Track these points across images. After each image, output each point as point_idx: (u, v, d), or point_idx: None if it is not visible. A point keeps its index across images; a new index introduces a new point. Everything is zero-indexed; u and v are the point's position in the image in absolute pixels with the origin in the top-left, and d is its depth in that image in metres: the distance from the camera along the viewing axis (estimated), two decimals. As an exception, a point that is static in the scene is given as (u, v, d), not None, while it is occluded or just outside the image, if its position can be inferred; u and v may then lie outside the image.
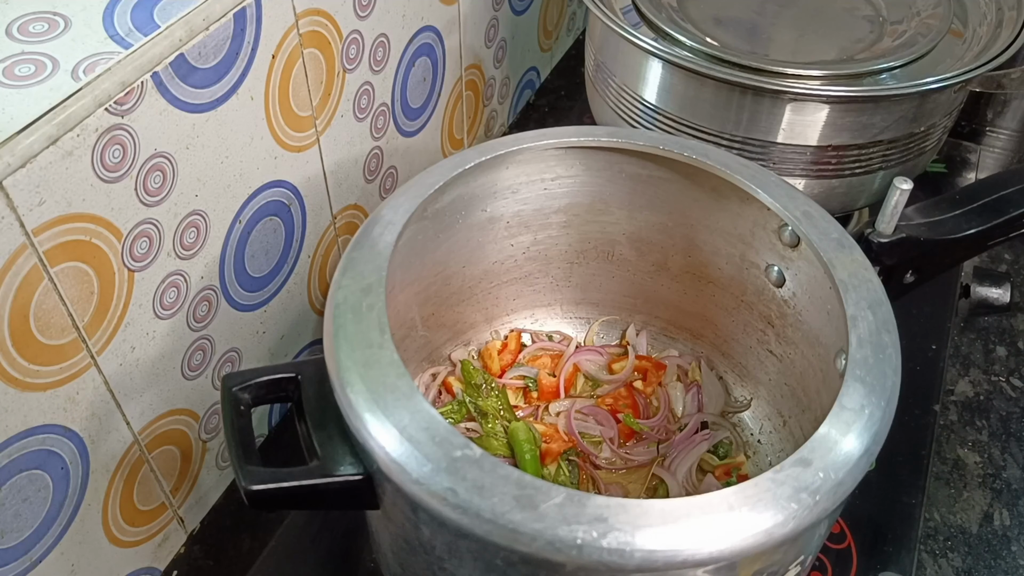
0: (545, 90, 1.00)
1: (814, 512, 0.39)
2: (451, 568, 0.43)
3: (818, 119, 0.63)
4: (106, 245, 0.46)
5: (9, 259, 0.41)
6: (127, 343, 0.50)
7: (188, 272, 0.53)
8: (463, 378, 0.65)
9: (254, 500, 0.42)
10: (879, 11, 0.72)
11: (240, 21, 0.50)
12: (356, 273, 0.47)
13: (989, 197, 0.61)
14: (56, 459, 0.48)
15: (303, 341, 0.69)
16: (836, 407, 0.42)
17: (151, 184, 0.48)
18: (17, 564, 0.48)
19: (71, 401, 0.48)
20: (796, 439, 0.59)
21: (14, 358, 0.43)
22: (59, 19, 0.46)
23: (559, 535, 0.37)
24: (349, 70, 0.63)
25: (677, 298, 0.66)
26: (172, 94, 0.47)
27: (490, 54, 0.84)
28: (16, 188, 0.40)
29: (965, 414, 0.70)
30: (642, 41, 0.64)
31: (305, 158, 0.61)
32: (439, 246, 0.58)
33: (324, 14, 0.58)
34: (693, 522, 0.37)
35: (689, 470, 0.61)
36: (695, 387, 0.66)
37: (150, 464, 0.56)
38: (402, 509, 0.42)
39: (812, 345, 0.55)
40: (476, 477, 0.38)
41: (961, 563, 0.61)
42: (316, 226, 0.65)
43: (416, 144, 0.76)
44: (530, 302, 0.69)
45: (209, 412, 0.60)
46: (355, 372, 0.42)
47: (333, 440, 0.44)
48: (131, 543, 0.57)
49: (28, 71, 0.42)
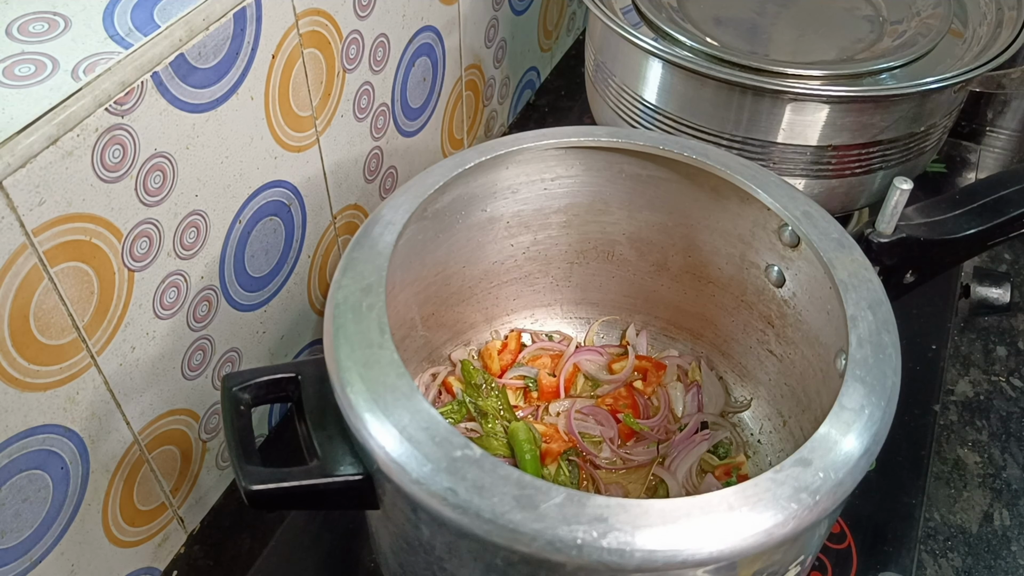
0: (545, 90, 1.00)
1: (814, 512, 0.39)
2: (451, 568, 0.43)
3: (818, 119, 0.63)
4: (106, 245, 0.46)
5: (9, 259, 0.41)
6: (127, 343, 0.50)
7: (188, 272, 0.53)
8: (463, 378, 0.65)
9: (254, 500, 0.42)
10: (879, 11, 0.72)
11: (240, 21, 0.50)
12: (356, 273, 0.47)
13: (989, 197, 0.61)
14: (56, 459, 0.48)
15: (303, 341, 0.69)
16: (836, 407, 0.42)
17: (151, 184, 0.48)
18: (17, 564, 0.48)
19: (71, 401, 0.48)
20: (796, 439, 0.59)
21: (14, 358, 0.43)
22: (59, 19, 0.46)
23: (559, 535, 0.37)
24: (349, 70, 0.63)
25: (677, 298, 0.66)
26: (172, 94, 0.47)
27: (490, 54, 0.84)
28: (16, 188, 0.40)
29: (965, 414, 0.70)
30: (642, 41, 0.65)
31: (305, 158, 0.61)
32: (439, 246, 0.58)
33: (324, 14, 0.58)
34: (693, 522, 0.37)
35: (689, 470, 0.61)
36: (695, 387, 0.66)
37: (150, 464, 0.56)
38: (402, 509, 0.42)
39: (812, 345, 0.55)
40: (476, 477, 0.38)
41: (961, 563, 0.61)
42: (316, 226, 0.65)
43: (416, 144, 0.76)
44: (530, 302, 0.69)
45: (209, 412, 0.60)
46: (355, 372, 0.42)
47: (333, 440, 0.44)
48: (131, 543, 0.57)
49: (28, 71, 0.42)
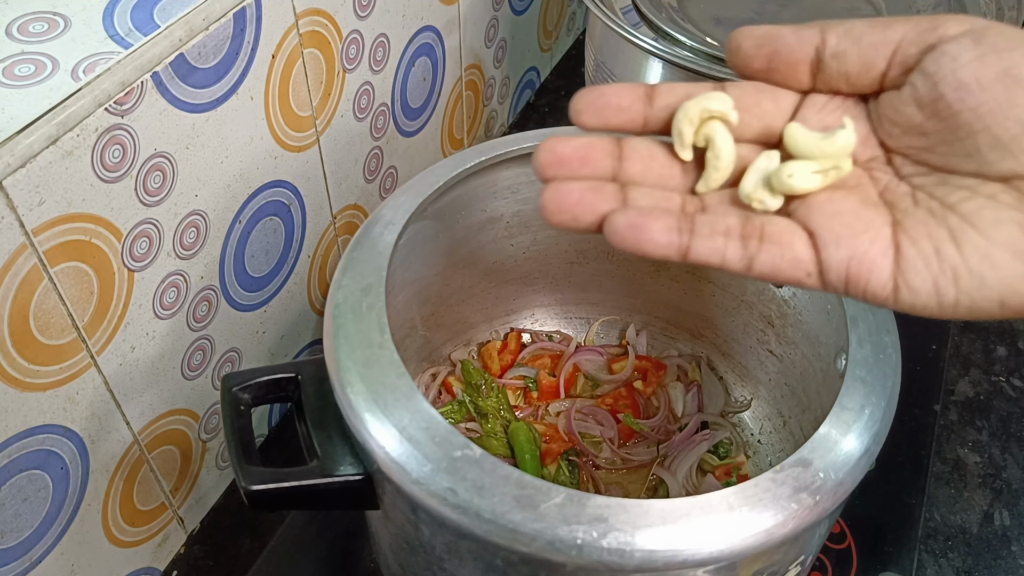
0: (545, 90, 1.00)
1: (814, 512, 0.39)
2: (451, 568, 0.43)
3: (818, 119, 0.63)
4: (106, 245, 0.46)
5: (9, 259, 0.41)
6: (127, 343, 0.50)
7: (188, 272, 0.53)
8: (463, 378, 0.65)
9: (254, 500, 0.42)
10: (879, 11, 0.72)
11: (240, 21, 0.50)
12: (356, 273, 0.47)
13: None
14: (56, 459, 0.48)
15: (303, 341, 0.69)
16: (836, 407, 0.42)
17: (151, 184, 0.48)
18: (17, 564, 0.48)
19: (71, 401, 0.48)
20: (796, 439, 0.59)
21: (14, 358, 0.43)
22: (59, 19, 0.46)
23: (559, 535, 0.37)
24: (349, 70, 0.63)
25: (677, 298, 0.66)
26: (172, 94, 0.47)
27: (490, 54, 0.84)
28: (16, 188, 0.40)
29: (965, 414, 0.70)
30: (642, 41, 0.64)
31: (305, 158, 0.61)
32: (439, 246, 0.58)
33: (324, 14, 0.58)
34: (693, 522, 0.37)
35: (689, 470, 0.61)
36: (695, 387, 0.66)
37: (150, 464, 0.56)
38: (402, 509, 0.42)
39: (812, 345, 0.55)
40: (476, 477, 0.38)
41: (961, 563, 0.61)
42: (316, 226, 0.65)
43: (416, 144, 0.76)
44: (530, 302, 0.69)
45: (209, 412, 0.60)
46: (355, 372, 0.42)
47: (333, 440, 0.44)
48: (131, 543, 0.57)
49: (28, 71, 0.42)
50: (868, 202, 0.31)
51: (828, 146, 0.31)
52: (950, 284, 0.29)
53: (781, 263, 0.30)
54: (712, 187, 0.32)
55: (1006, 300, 0.29)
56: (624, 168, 0.32)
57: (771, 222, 0.30)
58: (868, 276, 0.29)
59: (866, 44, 0.31)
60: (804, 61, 0.32)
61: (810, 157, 0.31)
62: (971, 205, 0.29)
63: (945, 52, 0.29)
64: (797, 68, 0.32)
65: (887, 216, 0.30)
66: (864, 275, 0.29)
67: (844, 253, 0.29)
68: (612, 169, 0.32)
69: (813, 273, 0.30)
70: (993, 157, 0.29)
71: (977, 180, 0.29)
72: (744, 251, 0.30)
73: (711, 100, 0.31)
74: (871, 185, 0.32)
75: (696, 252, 0.30)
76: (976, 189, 0.29)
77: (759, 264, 0.30)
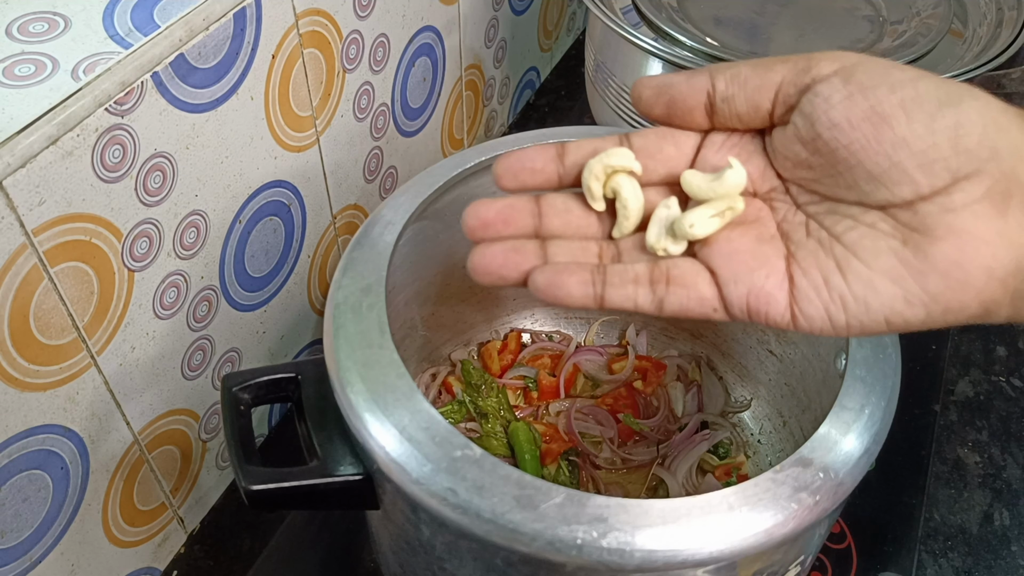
0: (545, 90, 1.00)
1: (814, 512, 0.39)
2: (451, 568, 0.43)
3: (818, 119, 0.63)
4: (106, 245, 0.46)
5: (9, 259, 0.41)
6: (127, 343, 0.50)
7: (188, 272, 0.53)
8: (463, 378, 0.65)
9: (254, 500, 0.42)
10: (879, 11, 0.72)
11: (240, 21, 0.50)
12: (356, 273, 0.47)
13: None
14: (56, 459, 0.48)
15: (303, 341, 0.69)
16: (836, 407, 0.42)
17: (151, 184, 0.48)
18: (17, 564, 0.48)
19: (71, 401, 0.48)
20: (796, 439, 0.59)
21: (14, 358, 0.43)
22: (59, 19, 0.46)
23: (559, 535, 0.37)
24: (349, 70, 0.63)
25: (677, 298, 0.66)
26: (172, 94, 0.47)
27: (490, 54, 0.84)
28: (16, 188, 0.40)
29: (965, 414, 0.70)
30: (642, 41, 0.64)
31: (305, 158, 0.61)
32: (439, 246, 0.58)
33: (324, 14, 0.58)
34: (693, 522, 0.37)
35: (689, 470, 0.61)
36: (695, 387, 0.66)
37: (150, 464, 0.56)
38: (402, 509, 0.42)
39: (812, 345, 0.55)
40: (476, 477, 0.38)
41: (961, 563, 0.61)
42: (316, 226, 0.65)
43: (416, 144, 0.76)
44: (530, 302, 0.69)
45: (209, 412, 0.60)
46: (355, 372, 0.42)
47: (333, 440, 0.44)
48: (131, 543, 0.57)
49: (28, 71, 0.42)
50: (764, 237, 0.33)
51: (720, 187, 0.33)
52: (840, 310, 0.31)
53: (688, 303, 0.33)
54: (625, 232, 0.35)
55: (890, 320, 0.31)
56: (544, 224, 0.35)
57: (676, 265, 0.33)
58: (767, 308, 0.32)
59: (751, 88, 0.33)
60: (698, 107, 0.34)
61: (705, 199, 0.33)
62: (854, 235, 0.32)
63: (818, 93, 0.31)
64: (693, 113, 0.34)
65: (781, 250, 0.33)
66: (763, 308, 0.32)
67: (743, 289, 0.32)
68: (533, 226, 0.35)
69: (719, 308, 0.33)
70: (869, 189, 0.31)
71: (859, 208, 0.32)
72: (653, 295, 0.33)
73: (612, 157, 0.34)
74: (770, 217, 0.34)
75: (610, 300, 0.33)
76: (859, 218, 0.32)
77: (668, 305, 0.33)
